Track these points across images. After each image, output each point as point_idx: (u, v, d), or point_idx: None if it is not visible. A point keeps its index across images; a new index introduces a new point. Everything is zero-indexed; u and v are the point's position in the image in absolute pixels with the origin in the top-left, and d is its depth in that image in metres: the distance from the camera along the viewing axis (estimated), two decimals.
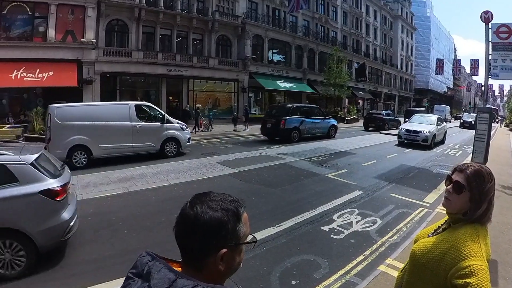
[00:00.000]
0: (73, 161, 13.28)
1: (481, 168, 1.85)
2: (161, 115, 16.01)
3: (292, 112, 22.07)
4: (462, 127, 42.78)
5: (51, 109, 13.41)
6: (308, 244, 6.42)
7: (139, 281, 1.16)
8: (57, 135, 13.13)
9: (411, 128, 21.42)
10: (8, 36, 24.43)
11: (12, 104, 24.28)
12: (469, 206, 1.83)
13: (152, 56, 29.75)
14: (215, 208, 1.19)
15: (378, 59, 59.79)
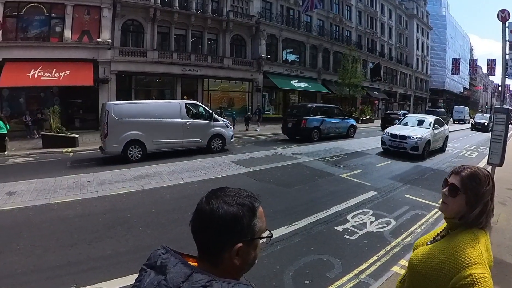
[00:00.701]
0: (128, 155, 14.28)
1: (477, 171, 1.80)
2: (208, 113, 16.94)
3: (313, 112, 22.31)
4: (474, 129, 38.03)
5: (108, 106, 14.23)
6: (322, 244, 6.41)
7: (152, 272, 1.18)
8: (113, 130, 13.95)
9: (397, 132, 17.04)
10: (26, 36, 24.88)
11: (29, 103, 24.66)
12: (465, 210, 1.77)
13: (167, 56, 29.99)
14: (230, 203, 1.20)
15: (393, 59, 59.22)
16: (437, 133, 17.79)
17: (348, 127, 24.79)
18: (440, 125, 18.69)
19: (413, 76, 65.67)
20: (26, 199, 8.93)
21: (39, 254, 5.83)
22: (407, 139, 16.37)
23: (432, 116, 20.49)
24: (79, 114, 26.87)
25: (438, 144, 18.34)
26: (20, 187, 9.98)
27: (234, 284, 1.10)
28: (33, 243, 6.25)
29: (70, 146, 17.86)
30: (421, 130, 17.17)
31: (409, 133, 16.72)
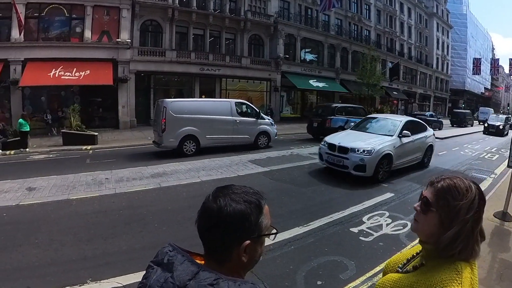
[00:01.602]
0: (184, 150, 15.21)
1: (456, 182, 1.44)
2: (255, 111, 17.82)
3: (338, 112, 22.33)
4: (487, 133, 31.75)
5: (166, 103, 15.15)
6: (336, 245, 6.35)
7: (158, 269, 1.19)
8: (171, 126, 14.79)
9: (338, 141, 11.63)
10: (47, 36, 25.45)
11: (50, 101, 25.20)
12: (440, 232, 1.42)
13: (185, 56, 30.14)
14: (238, 201, 1.21)
15: (413, 58, 58.23)
16: (408, 143, 12.19)
17: None
18: (416, 130, 13.20)
19: (433, 76, 64.56)
20: (46, 194, 9.13)
21: (57, 248, 5.95)
22: (349, 153, 10.88)
23: (404, 117, 15.06)
24: (99, 112, 27.32)
25: (414, 157, 13.06)
26: (40, 183, 10.21)
27: (240, 283, 1.11)
28: (51, 237, 6.38)
29: (90, 144, 18.17)
30: (378, 139, 11.61)
31: (355, 143, 11.18)
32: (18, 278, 4.95)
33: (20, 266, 5.30)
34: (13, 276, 4.99)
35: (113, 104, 27.12)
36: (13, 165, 13.78)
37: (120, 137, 21.89)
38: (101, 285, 4.82)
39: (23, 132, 17.21)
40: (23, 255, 5.64)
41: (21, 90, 23.87)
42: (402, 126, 12.32)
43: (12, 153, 16.01)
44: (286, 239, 6.38)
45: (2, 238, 6.34)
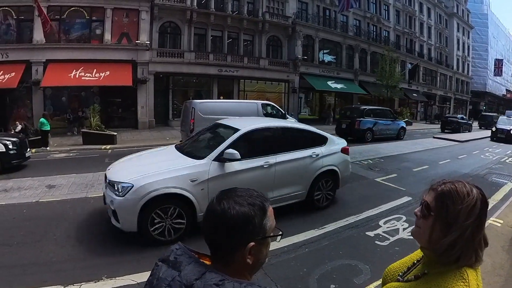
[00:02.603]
0: None
1: (457, 186, 1.39)
2: (281, 112, 18.00)
3: (366, 114, 22.93)
4: (495, 139, 26.21)
5: (195, 104, 15.59)
6: (351, 248, 6.25)
7: (163, 266, 1.22)
8: (199, 126, 14.53)
9: (108, 169, 7.41)
10: (68, 38, 26.04)
11: (71, 102, 25.72)
12: (439, 238, 1.37)
13: (204, 57, 30.35)
14: (241, 203, 1.22)
15: (433, 60, 57.21)
16: (244, 171, 6.93)
17: (398, 129, 25.23)
18: (285, 146, 7.73)
19: (453, 77, 63.24)
20: (65, 192, 9.29)
21: (74, 245, 6.05)
22: (113, 189, 6.15)
23: (257, 122, 8.45)
24: (118, 112, 27.79)
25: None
26: (60, 181, 10.39)
27: (246, 285, 1.12)
28: (69, 234, 6.49)
29: (109, 143, 18.42)
30: (163, 164, 6.64)
31: (121, 172, 6.57)
32: (36, 272, 5.05)
33: (38, 261, 5.41)
34: (30, 270, 5.09)
35: (132, 105, 27.51)
36: (33, 163, 14.04)
37: (139, 137, 22.12)
38: (116, 281, 4.87)
39: (44, 131, 17.59)
40: (41, 250, 5.75)
41: (42, 91, 24.52)
42: (230, 142, 6.93)
43: (33, 151, 16.31)
44: (301, 241, 6.34)
45: (21, 233, 6.46)
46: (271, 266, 5.16)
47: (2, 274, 5.01)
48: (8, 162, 12.55)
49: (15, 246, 5.94)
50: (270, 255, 4.60)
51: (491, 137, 26.99)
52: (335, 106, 40.53)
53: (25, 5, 23.76)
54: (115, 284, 4.81)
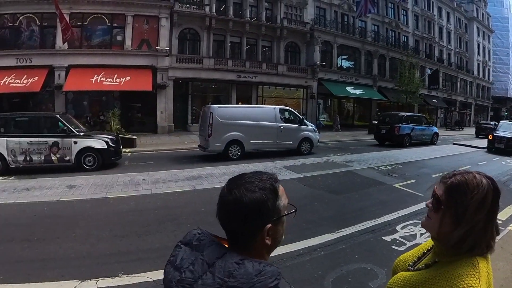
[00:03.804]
0: (229, 154, 15.74)
1: (467, 178, 1.37)
2: (298, 118, 18.14)
3: (405, 120, 23.79)
4: (494, 150, 21.10)
5: (213, 108, 15.84)
6: (367, 252, 6.17)
7: (187, 249, 1.24)
8: (217, 131, 15.35)
9: None
10: (90, 44, 26.72)
11: (92, 106, 26.29)
12: (451, 229, 1.35)
13: (223, 63, 30.63)
14: (252, 190, 1.22)
15: (453, 65, 56.23)
16: None
17: (432, 135, 25.83)
18: None
19: (473, 83, 62.02)
20: (85, 192, 9.51)
21: (92, 243, 6.18)
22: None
23: None
24: (138, 117, 28.31)
25: None
26: (80, 182, 10.63)
27: (265, 264, 1.13)
28: (88, 232, 6.64)
29: (129, 147, 18.62)
30: None
31: None
32: (54, 267, 5.17)
33: (57, 256, 5.55)
34: (49, 266, 5.22)
35: (152, 110, 27.87)
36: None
37: (158, 141, 22.38)
38: (132, 278, 4.94)
39: None
40: (61, 247, 5.90)
41: (64, 95, 25.26)
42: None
43: None
44: (316, 244, 6.29)
45: (42, 230, 6.66)
46: (286, 268, 5.17)
47: (22, 267, 5.17)
48: (108, 159, 13.45)
49: (35, 241, 6.11)
50: (285, 257, 5.05)
51: (487, 147, 21.87)
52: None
53: (48, 12, 24.45)
54: (131, 281, 4.88)
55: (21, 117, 14.45)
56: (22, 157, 12.52)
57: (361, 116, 42.76)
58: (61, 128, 13.19)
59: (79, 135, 13.42)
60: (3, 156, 12.33)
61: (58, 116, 14.06)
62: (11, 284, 4.70)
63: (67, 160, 12.97)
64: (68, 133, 13.11)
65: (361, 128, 36.62)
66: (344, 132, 32.61)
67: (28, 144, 12.52)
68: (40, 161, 12.71)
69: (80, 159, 13.01)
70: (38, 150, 12.62)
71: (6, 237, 6.35)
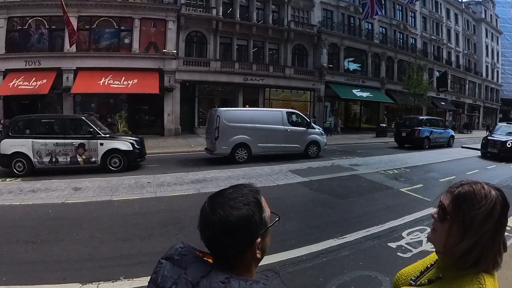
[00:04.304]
0: (236, 157, 15.75)
1: (475, 188, 1.31)
2: (306, 121, 18.20)
3: (424, 123, 24.58)
4: (489, 155, 19.22)
5: (220, 112, 15.96)
6: (372, 259, 6.00)
7: (168, 264, 1.20)
8: (224, 134, 15.46)
9: None
10: (97, 47, 27.01)
11: (100, 108, 26.49)
12: (456, 242, 1.30)
13: (229, 66, 30.73)
14: (237, 207, 1.18)
15: (461, 67, 55.78)
16: None
17: (449, 137, 26.54)
18: None
19: (482, 85, 61.48)
20: (90, 194, 9.60)
21: (95, 245, 6.23)
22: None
23: None
24: (145, 119, 28.57)
25: None
26: (86, 184, 10.74)
27: (251, 282, 1.10)
28: (91, 234, 6.70)
29: None
30: None
31: None
32: (57, 270, 5.24)
33: (60, 259, 5.61)
34: (52, 268, 5.29)
35: (159, 112, 28.10)
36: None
37: (165, 144, 22.48)
38: (133, 282, 4.95)
39: None
40: (63, 249, 5.96)
41: (72, 97, 25.55)
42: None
43: None
44: (319, 250, 6.17)
45: (46, 232, 6.74)
46: (288, 275, 5.17)
47: (25, 269, 5.24)
48: (133, 160, 13.76)
49: (39, 243, 6.19)
50: (287, 263, 5.07)
51: (481, 152, 20.18)
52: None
53: (56, 16, 24.68)
54: (132, 285, 4.90)
55: (47, 118, 14.86)
56: (48, 158, 12.82)
57: (368, 119, 42.61)
58: (87, 130, 13.45)
59: (105, 136, 13.70)
60: (28, 157, 12.60)
61: (84, 118, 14.33)
62: (14, 285, 4.77)
63: (93, 161, 13.26)
64: (94, 134, 13.38)
65: (368, 131, 36.50)
66: (351, 135, 32.50)
67: (54, 146, 12.81)
68: (66, 162, 13.00)
69: (106, 161, 13.30)
70: (64, 151, 12.92)
71: (11, 238, 6.44)
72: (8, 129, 13.42)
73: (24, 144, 12.63)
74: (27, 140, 12.71)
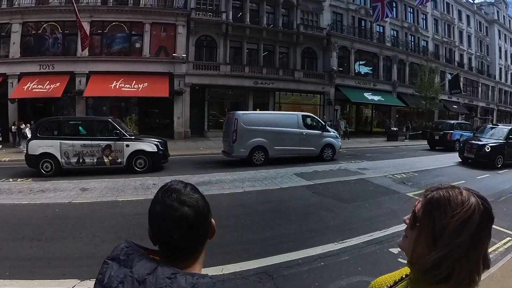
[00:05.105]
0: (253, 159, 16.10)
1: (451, 194, 1.15)
2: (321, 124, 18.42)
3: (455, 127, 26.09)
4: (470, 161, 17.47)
5: (237, 115, 16.37)
6: (372, 265, 5.86)
7: (114, 265, 1.17)
8: (241, 137, 15.81)
9: None
10: (109, 51, 27.57)
11: (111, 111, 26.90)
12: (426, 252, 1.14)
13: (239, 70, 30.90)
14: (196, 198, 1.24)
15: (474, 69, 54.86)
16: None
17: None
18: None
19: (495, 87, 60.27)
20: (96, 195, 9.92)
21: (97, 244, 6.47)
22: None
23: None
24: (155, 122, 28.94)
25: None
26: (93, 185, 11.07)
27: (198, 277, 1.11)
28: (93, 233, 6.95)
29: None
30: None
31: None
32: (58, 266, 5.49)
33: (62, 256, 5.87)
34: (53, 264, 5.54)
35: (169, 115, 28.51)
36: None
37: (174, 147, 22.61)
38: None
39: None
40: (66, 247, 6.23)
41: (85, 100, 26.07)
42: None
43: None
44: (318, 254, 6.08)
45: (51, 230, 7.04)
46: (281, 278, 5.17)
47: (28, 265, 5.51)
48: (158, 162, 14.18)
49: (44, 241, 6.48)
50: (282, 266, 5.33)
51: (459, 154, 18.75)
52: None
53: (70, 20, 25.19)
54: None
55: (74, 120, 15.46)
56: (75, 159, 13.25)
57: (379, 123, 42.31)
58: (114, 132, 13.85)
59: (131, 138, 14.11)
60: (56, 158, 13.01)
61: (110, 120, 14.73)
62: (15, 280, 5.02)
63: (119, 162, 13.66)
64: (120, 136, 13.79)
65: (379, 135, 36.21)
66: (361, 138, 32.39)
67: (81, 147, 13.23)
68: (93, 163, 13.41)
69: (132, 162, 13.69)
70: (91, 152, 13.33)
71: (18, 235, 6.74)
72: (35, 130, 13.84)
73: (52, 145, 13.07)
74: (55, 141, 13.13)
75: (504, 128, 18.85)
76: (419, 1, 27.38)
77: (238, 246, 6.44)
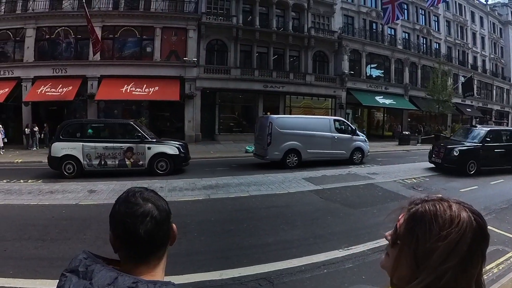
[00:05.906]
0: (287, 162, 16.48)
1: (438, 208, 0.96)
2: (351, 128, 18.88)
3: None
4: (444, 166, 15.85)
5: (272, 118, 17.01)
6: (376, 273, 5.21)
7: (73, 277, 1.13)
8: (276, 140, 16.21)
9: None
10: (120, 56, 28.00)
11: (122, 114, 27.25)
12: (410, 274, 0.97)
13: (250, 73, 30.97)
14: (158, 197, 1.27)
15: (488, 72, 53.75)
16: None
17: None
18: None
19: (510, 90, 59.18)
20: (103, 197, 10.06)
21: (100, 245, 6.44)
22: None
23: None
24: (166, 126, 29.10)
25: None
26: (101, 187, 11.23)
27: (161, 284, 1.11)
28: (97, 235, 7.00)
29: None
30: None
31: None
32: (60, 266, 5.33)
33: (65, 256, 5.90)
34: (56, 264, 5.58)
35: (180, 119, 28.70)
36: None
37: None
38: None
39: None
40: (69, 247, 6.32)
41: (96, 103, 26.46)
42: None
43: None
44: (320, 261, 5.94)
45: (56, 231, 7.17)
46: (282, 284, 5.12)
47: (32, 264, 5.64)
48: (179, 164, 14.40)
49: (48, 241, 6.61)
50: (284, 273, 5.26)
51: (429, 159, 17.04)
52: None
53: (82, 25, 25.48)
54: None
55: (97, 123, 15.84)
56: (97, 161, 13.45)
57: (391, 126, 41.93)
58: (136, 134, 14.03)
59: (152, 141, 14.30)
60: (78, 160, 13.22)
61: (132, 122, 14.97)
62: (18, 279, 5.12)
63: (140, 164, 13.85)
64: (142, 139, 13.97)
65: (391, 139, 35.85)
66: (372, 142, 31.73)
67: (103, 149, 13.43)
68: (115, 165, 13.61)
69: (153, 164, 13.85)
70: (113, 154, 13.54)
71: (24, 236, 6.87)
72: (58, 132, 13.98)
73: (74, 147, 13.29)
74: (77, 143, 13.35)
75: (481, 130, 17.05)
76: (431, 2, 27.20)
77: (239, 251, 6.41)
